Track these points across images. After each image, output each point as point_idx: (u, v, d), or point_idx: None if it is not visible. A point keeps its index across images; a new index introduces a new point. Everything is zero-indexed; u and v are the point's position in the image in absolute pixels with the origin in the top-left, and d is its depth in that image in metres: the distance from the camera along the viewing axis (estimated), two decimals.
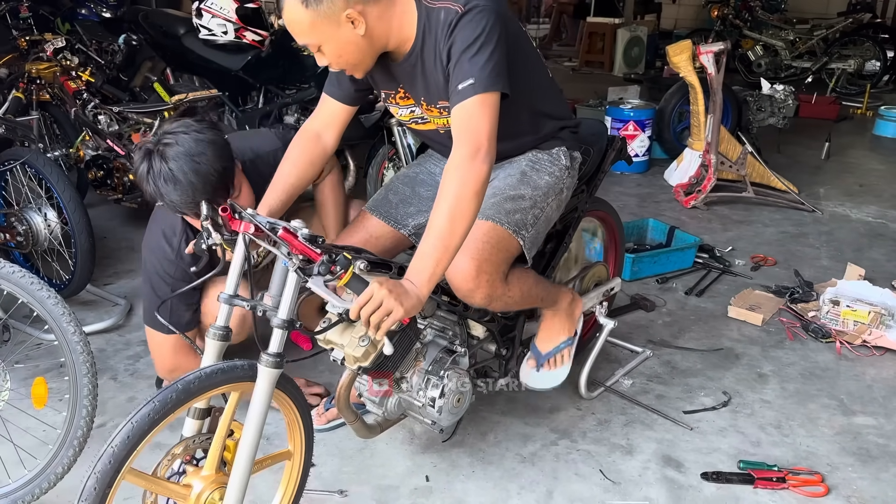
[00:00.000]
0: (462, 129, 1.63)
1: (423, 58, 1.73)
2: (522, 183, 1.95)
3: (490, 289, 1.83)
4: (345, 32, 1.63)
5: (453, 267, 1.79)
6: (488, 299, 1.85)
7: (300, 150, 1.92)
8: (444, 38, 1.67)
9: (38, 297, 1.89)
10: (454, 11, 1.65)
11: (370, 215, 2.07)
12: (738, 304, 3.09)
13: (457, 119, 1.65)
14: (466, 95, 1.62)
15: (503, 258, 1.86)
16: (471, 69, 1.62)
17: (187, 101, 3.35)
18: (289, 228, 1.52)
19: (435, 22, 1.68)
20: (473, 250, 1.80)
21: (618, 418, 2.38)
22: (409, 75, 1.79)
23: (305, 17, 1.59)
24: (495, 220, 1.85)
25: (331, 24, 1.60)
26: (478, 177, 1.59)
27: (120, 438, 1.40)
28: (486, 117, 1.62)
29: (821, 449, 2.26)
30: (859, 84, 7.79)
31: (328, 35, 1.63)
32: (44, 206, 2.92)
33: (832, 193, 4.74)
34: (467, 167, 1.59)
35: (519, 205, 1.90)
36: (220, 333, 1.62)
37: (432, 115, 1.87)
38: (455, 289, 1.84)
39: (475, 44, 1.62)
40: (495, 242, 1.83)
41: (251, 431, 1.55)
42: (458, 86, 1.63)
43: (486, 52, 1.62)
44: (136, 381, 2.54)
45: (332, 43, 1.65)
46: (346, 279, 1.52)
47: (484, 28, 1.63)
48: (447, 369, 1.93)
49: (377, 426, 2.07)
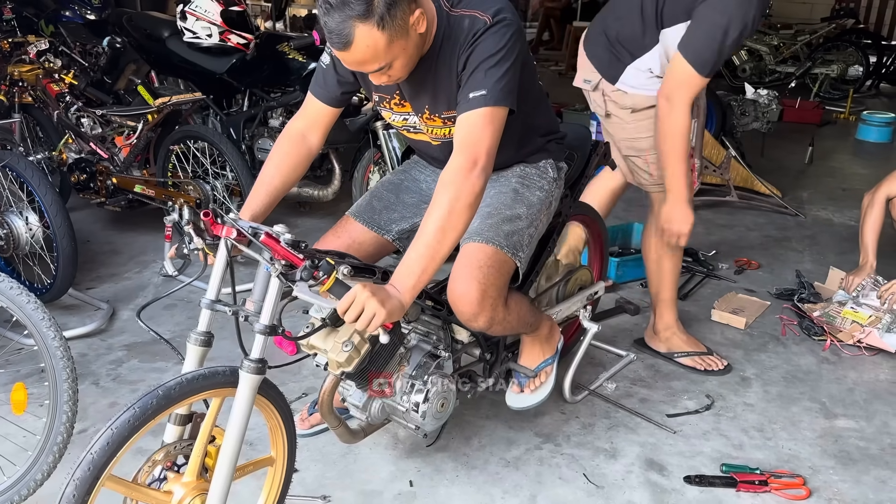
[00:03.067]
0: (464, 139, 1.63)
1: (437, 65, 1.72)
2: (517, 202, 1.94)
3: (493, 313, 1.84)
4: (412, 38, 1.60)
5: (457, 292, 1.80)
6: (490, 323, 1.85)
7: (285, 151, 1.90)
8: (464, 46, 1.66)
9: (17, 301, 1.87)
10: (482, 21, 1.65)
11: (354, 221, 2.06)
12: (721, 308, 3.11)
13: (461, 128, 1.65)
14: (476, 105, 1.62)
15: (504, 282, 1.87)
16: (485, 81, 1.62)
17: (171, 104, 3.33)
18: (271, 233, 1.52)
19: (457, 29, 1.68)
20: (478, 276, 1.80)
21: (602, 422, 2.38)
22: (419, 82, 1.77)
23: (382, 39, 1.53)
24: (496, 245, 1.85)
25: (403, 35, 1.56)
26: (472, 190, 1.60)
27: (99, 445, 1.38)
28: (490, 131, 1.63)
29: (803, 452, 2.28)
30: (842, 89, 7.88)
31: (402, 48, 1.58)
32: (25, 209, 2.89)
33: (815, 197, 4.78)
34: (463, 179, 1.59)
35: (516, 226, 1.90)
36: (201, 339, 1.60)
37: (432, 125, 1.86)
38: (459, 314, 1.84)
39: (495, 56, 1.63)
40: (498, 267, 1.84)
41: (233, 437, 1.54)
42: (469, 94, 1.63)
43: (504, 66, 1.63)
44: (118, 387, 2.52)
45: (404, 55, 1.60)
46: (328, 284, 1.51)
47: (507, 42, 1.63)
48: (431, 374, 1.93)
49: (361, 431, 2.06)
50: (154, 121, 3.40)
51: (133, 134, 3.46)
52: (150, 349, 2.74)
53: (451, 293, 1.84)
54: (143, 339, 2.82)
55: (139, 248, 3.65)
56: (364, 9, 1.49)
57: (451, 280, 1.84)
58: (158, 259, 3.47)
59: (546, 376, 2.21)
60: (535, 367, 2.19)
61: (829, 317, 3.00)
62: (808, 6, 10.75)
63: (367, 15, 1.49)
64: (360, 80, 1.87)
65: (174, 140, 3.42)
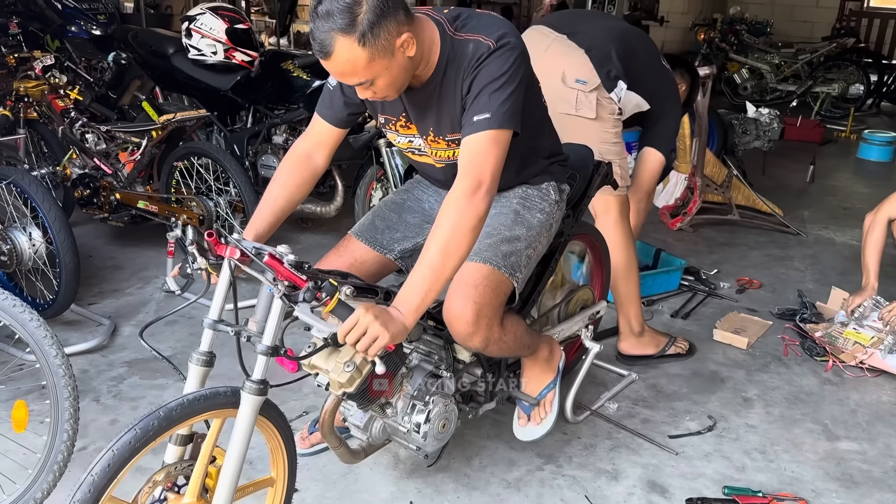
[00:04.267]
0: (468, 162, 1.64)
1: (441, 88, 1.73)
2: (517, 223, 1.95)
3: (488, 332, 1.84)
4: (398, 60, 1.60)
5: (453, 311, 1.80)
6: (485, 342, 1.85)
7: (290, 171, 1.91)
8: (468, 70, 1.67)
9: (19, 319, 1.87)
10: (486, 46, 1.66)
11: (356, 240, 2.07)
12: (723, 328, 3.11)
13: (465, 150, 1.66)
14: (480, 128, 1.63)
15: (500, 302, 1.87)
16: (489, 104, 1.63)
17: (175, 121, 3.35)
18: (274, 254, 1.52)
19: (461, 54, 1.69)
20: (473, 295, 1.80)
21: (603, 443, 2.38)
22: (423, 104, 1.78)
23: (363, 55, 1.54)
24: (493, 264, 1.85)
25: (387, 55, 1.57)
26: (475, 213, 1.61)
27: (100, 466, 1.38)
28: (494, 154, 1.64)
29: (805, 475, 2.27)
30: (843, 107, 7.90)
31: (384, 67, 1.59)
32: (28, 225, 2.90)
33: (817, 216, 4.78)
34: (466, 202, 1.61)
35: (514, 247, 1.91)
36: (203, 359, 1.60)
37: (437, 147, 1.87)
38: (454, 333, 1.84)
39: (499, 80, 1.64)
40: (494, 287, 1.84)
41: (234, 458, 1.54)
42: (474, 118, 1.64)
43: (508, 90, 1.64)
44: (120, 404, 2.51)
45: (387, 74, 1.61)
46: (331, 306, 1.52)
47: (510, 66, 1.65)
48: (433, 394, 1.92)
49: (361, 451, 2.05)
50: (158, 137, 3.42)
51: (137, 150, 3.47)
52: (151, 366, 2.74)
53: (446, 311, 1.84)
54: (144, 356, 2.82)
55: (141, 264, 3.65)
56: (346, 23, 1.51)
57: (448, 298, 1.84)
58: (160, 275, 3.48)
59: (549, 405, 2.20)
60: (537, 394, 2.19)
61: (831, 337, 2.99)
62: (809, 25, 10.81)
63: (348, 29, 1.51)
64: (365, 103, 1.88)
65: (178, 156, 3.43)
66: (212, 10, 3.81)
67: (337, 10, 1.51)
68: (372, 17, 1.52)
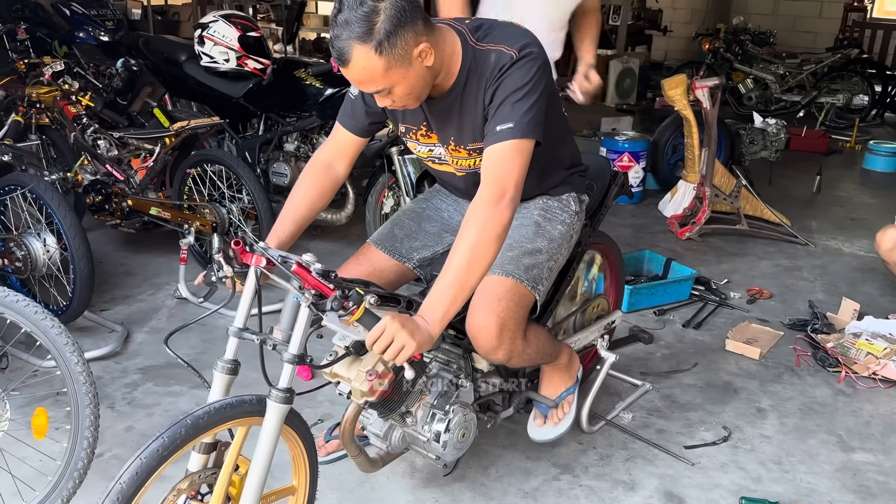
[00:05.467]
0: (491, 172, 1.65)
1: (463, 97, 1.74)
2: (538, 236, 1.96)
3: (512, 345, 1.84)
4: (416, 69, 1.61)
5: (476, 325, 1.81)
6: (509, 355, 1.86)
7: (311, 180, 1.92)
8: (491, 80, 1.68)
9: (41, 326, 1.88)
10: (508, 56, 1.67)
11: (375, 248, 2.08)
12: (735, 338, 3.11)
13: (488, 160, 1.67)
14: (503, 138, 1.64)
15: (523, 315, 1.88)
16: (512, 114, 1.64)
17: (189, 128, 3.36)
18: (302, 263, 1.53)
19: (483, 64, 1.70)
20: (497, 308, 1.81)
21: (619, 453, 2.37)
22: (444, 113, 1.79)
23: (379, 64, 1.55)
24: (516, 278, 1.86)
25: (404, 64, 1.57)
26: (500, 222, 1.61)
27: (128, 475, 1.39)
28: (517, 163, 1.65)
29: (822, 486, 2.27)
30: (847, 118, 7.91)
31: (401, 76, 1.59)
32: (43, 231, 2.90)
33: (824, 227, 4.79)
34: (490, 211, 1.61)
35: (536, 259, 1.92)
36: (227, 367, 1.61)
37: (458, 157, 1.87)
38: (478, 347, 1.85)
39: (521, 90, 1.65)
40: (518, 300, 1.84)
41: (259, 467, 1.54)
42: (497, 127, 1.65)
43: (530, 100, 1.65)
44: (134, 410, 2.51)
45: (404, 83, 1.61)
46: (358, 314, 1.52)
47: (533, 76, 1.66)
48: (453, 403, 1.92)
49: (380, 460, 2.05)
50: (172, 144, 3.42)
51: (150, 157, 3.48)
52: (165, 373, 2.74)
53: (469, 326, 1.84)
54: (157, 363, 2.82)
55: (153, 270, 3.66)
56: (363, 31, 1.52)
57: (471, 313, 1.85)
58: (172, 281, 3.48)
59: (568, 406, 2.21)
60: (556, 396, 2.19)
61: (843, 348, 2.99)
62: (812, 35, 10.85)
63: (365, 38, 1.52)
64: (386, 111, 1.89)
65: (192, 163, 3.44)
66: (224, 18, 3.83)
67: (355, 18, 1.52)
68: (389, 27, 1.53)
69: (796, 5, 11.17)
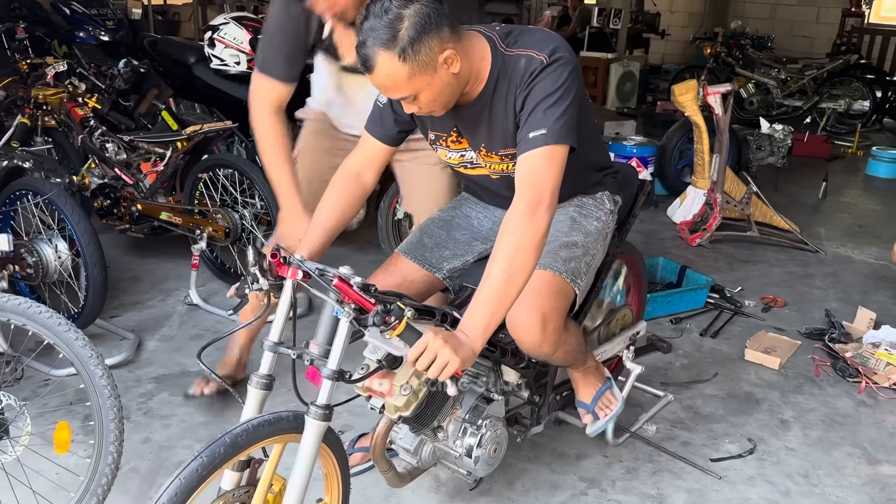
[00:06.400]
0: (526, 180, 1.62)
1: (492, 103, 1.71)
2: (574, 230, 1.94)
3: (556, 337, 1.81)
4: (441, 75, 1.58)
5: (518, 321, 1.77)
6: (554, 347, 1.83)
7: (340, 191, 1.88)
8: (521, 86, 1.65)
9: (64, 338, 1.83)
10: (538, 61, 1.64)
11: (404, 258, 2.04)
12: (753, 347, 3.09)
13: (522, 168, 1.63)
14: (536, 145, 1.61)
15: (564, 306, 1.85)
16: (545, 120, 1.61)
17: (202, 131, 3.31)
18: (342, 277, 1.49)
19: (512, 69, 1.67)
20: (537, 300, 1.78)
21: (645, 466, 2.34)
22: (473, 120, 1.77)
23: (403, 70, 1.53)
24: (553, 269, 1.83)
25: (429, 70, 1.55)
26: (537, 230, 1.58)
27: (167, 496, 1.34)
28: (552, 170, 1.61)
29: (850, 499, 2.25)
30: (848, 123, 7.93)
31: (426, 82, 1.57)
32: (55, 237, 2.85)
33: (832, 234, 4.78)
34: (527, 220, 1.58)
35: (573, 252, 1.89)
36: (263, 382, 1.57)
37: (490, 161, 1.84)
38: (520, 342, 1.82)
39: (553, 95, 1.62)
40: (557, 291, 1.82)
41: (297, 485, 1.50)
42: (529, 134, 1.62)
43: (563, 105, 1.62)
44: (150, 421, 2.46)
45: (429, 89, 1.59)
46: (399, 329, 1.48)
47: (564, 81, 1.63)
48: (485, 418, 1.89)
49: (407, 475, 2.01)
50: (183, 148, 3.37)
51: (160, 161, 3.43)
52: (179, 382, 2.69)
53: (511, 322, 1.80)
54: (171, 371, 2.77)
55: (161, 276, 3.60)
56: (387, 38, 1.50)
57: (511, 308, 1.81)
58: (182, 287, 3.43)
59: (613, 395, 2.19)
60: (591, 399, 2.16)
61: (862, 358, 2.97)
62: (809, 40, 10.89)
63: (389, 45, 1.51)
64: (414, 119, 1.85)
65: (203, 167, 3.38)
66: (235, 20, 3.78)
67: (379, 25, 1.51)
68: (413, 34, 1.50)
69: (793, 10, 11.21)
